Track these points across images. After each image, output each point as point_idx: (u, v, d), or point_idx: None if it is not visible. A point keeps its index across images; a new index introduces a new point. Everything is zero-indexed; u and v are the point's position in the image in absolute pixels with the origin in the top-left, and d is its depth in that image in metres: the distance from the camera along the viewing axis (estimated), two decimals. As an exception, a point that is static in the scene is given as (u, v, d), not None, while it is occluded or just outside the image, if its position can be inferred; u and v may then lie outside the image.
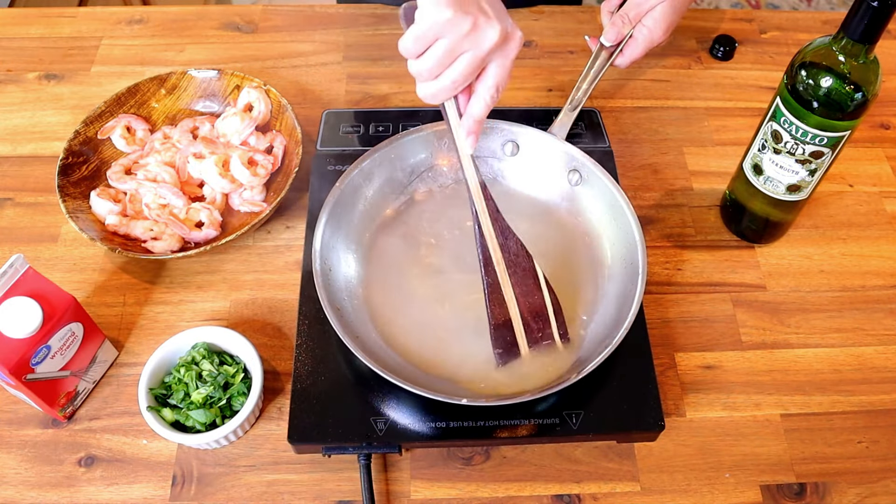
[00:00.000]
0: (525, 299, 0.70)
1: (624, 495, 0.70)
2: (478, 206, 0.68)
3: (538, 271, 0.71)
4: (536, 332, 0.71)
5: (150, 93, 0.92)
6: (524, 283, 0.70)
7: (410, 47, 0.62)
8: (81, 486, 0.70)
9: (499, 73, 0.64)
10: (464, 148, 0.67)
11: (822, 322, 0.82)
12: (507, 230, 0.69)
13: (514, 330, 0.70)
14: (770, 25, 1.10)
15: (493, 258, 0.69)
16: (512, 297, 0.70)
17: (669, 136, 0.96)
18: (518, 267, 0.70)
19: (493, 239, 0.69)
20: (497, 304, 0.69)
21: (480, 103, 0.65)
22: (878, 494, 0.71)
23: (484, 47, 0.61)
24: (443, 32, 0.60)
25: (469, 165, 0.68)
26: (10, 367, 0.64)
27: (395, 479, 0.71)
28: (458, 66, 0.62)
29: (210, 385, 0.71)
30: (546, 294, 0.71)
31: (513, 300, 0.70)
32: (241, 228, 0.80)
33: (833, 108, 0.70)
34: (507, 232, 0.69)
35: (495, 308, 0.69)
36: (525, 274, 0.70)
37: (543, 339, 0.72)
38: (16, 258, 0.66)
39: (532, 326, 0.71)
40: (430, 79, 0.63)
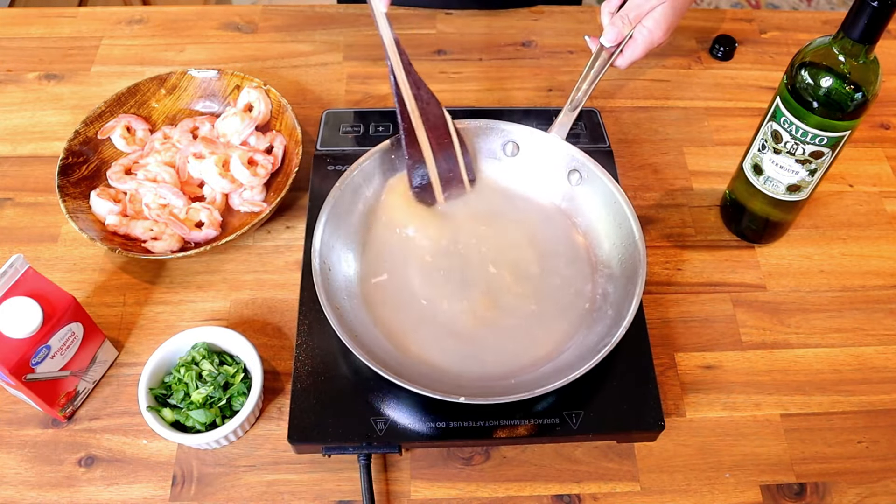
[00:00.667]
0: (436, 142, 0.78)
1: (624, 495, 0.71)
2: (392, 60, 0.75)
3: (447, 118, 0.79)
4: (447, 172, 0.80)
5: (150, 93, 0.92)
6: (436, 128, 0.78)
7: None
8: (81, 486, 0.70)
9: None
10: (378, 6, 0.74)
11: (822, 322, 0.82)
12: (419, 82, 0.77)
13: (429, 172, 0.79)
14: (770, 25, 1.10)
15: (408, 106, 0.76)
16: (426, 140, 0.77)
17: (669, 136, 0.96)
18: (430, 114, 0.78)
19: (408, 89, 0.76)
20: (412, 146, 0.77)
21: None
22: (878, 494, 0.71)
23: None
24: None
25: (383, 23, 0.74)
26: (10, 367, 0.64)
27: (395, 479, 0.71)
28: None
29: (210, 385, 0.71)
30: (455, 139, 0.79)
31: (426, 143, 0.77)
32: (241, 228, 0.80)
33: (833, 108, 0.70)
34: (420, 83, 0.77)
35: (411, 150, 0.77)
36: (436, 120, 0.78)
37: (454, 178, 0.80)
38: (16, 258, 0.66)
39: (443, 167, 0.79)
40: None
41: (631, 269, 0.74)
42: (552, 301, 0.76)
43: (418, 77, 0.77)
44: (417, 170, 0.79)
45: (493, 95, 1.00)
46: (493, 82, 1.02)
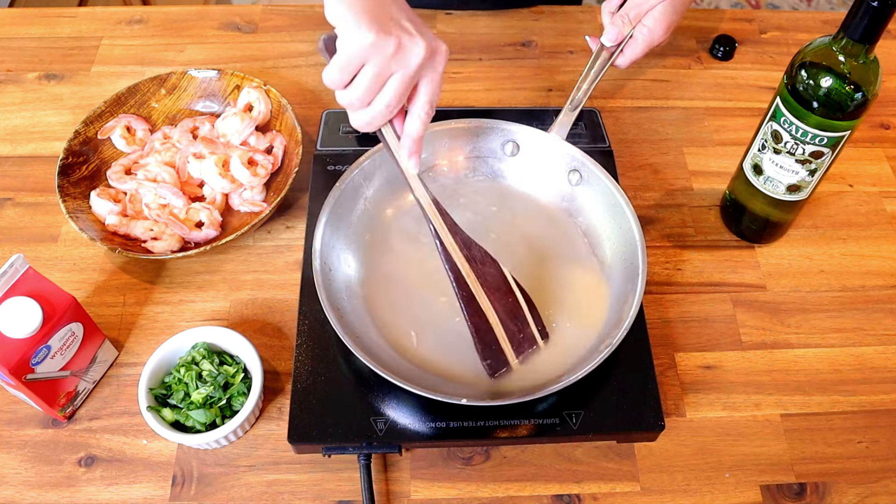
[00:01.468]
0: (500, 304, 0.70)
1: (624, 495, 0.70)
2: (435, 224, 0.68)
3: (506, 274, 0.71)
4: (517, 334, 0.71)
5: (150, 93, 0.92)
6: (496, 289, 0.70)
7: (336, 78, 0.60)
8: (81, 486, 0.70)
9: (430, 89, 0.64)
10: (408, 169, 0.67)
11: (822, 322, 0.82)
12: (468, 241, 0.70)
13: (497, 338, 0.70)
14: (770, 25, 1.10)
15: (462, 272, 0.69)
16: (489, 306, 0.70)
17: (669, 136, 0.96)
18: (487, 275, 0.70)
19: (458, 252, 0.69)
20: (476, 315, 0.69)
21: (416, 122, 0.64)
22: (878, 494, 0.71)
23: (412, 66, 0.60)
24: (368, 56, 0.59)
25: (418, 185, 0.68)
26: (10, 367, 0.64)
27: (395, 479, 0.71)
28: (388, 89, 0.61)
29: (210, 385, 0.71)
30: (518, 295, 0.71)
31: (490, 308, 0.70)
32: (241, 228, 0.80)
33: (833, 108, 0.70)
34: (470, 242, 0.70)
35: (476, 320, 0.69)
36: (495, 280, 0.70)
37: (525, 339, 0.71)
38: (16, 258, 0.66)
39: (512, 329, 0.71)
40: (363, 107, 0.62)
41: (631, 269, 0.74)
42: (553, 300, 0.76)
43: (467, 236, 0.69)
44: (486, 341, 0.69)
45: (493, 95, 1.00)
46: (493, 82, 1.02)
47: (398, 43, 0.59)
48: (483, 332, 0.69)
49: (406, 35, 0.60)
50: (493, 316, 0.70)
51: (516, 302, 0.71)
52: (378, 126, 0.64)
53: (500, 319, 0.70)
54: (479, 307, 0.69)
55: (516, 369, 0.71)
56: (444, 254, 0.68)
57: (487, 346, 0.70)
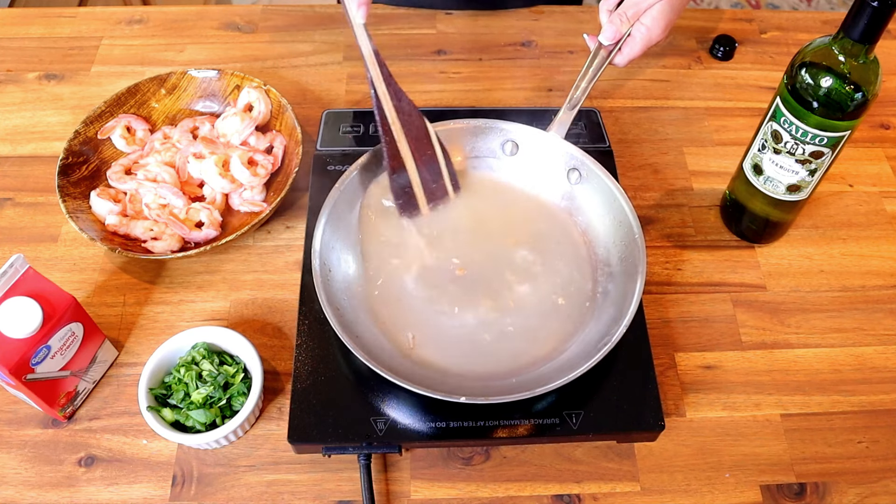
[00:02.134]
0: (419, 153, 0.76)
1: (624, 495, 0.71)
2: (372, 72, 0.73)
3: (429, 128, 0.77)
4: (431, 183, 0.78)
5: (150, 93, 0.92)
6: (418, 139, 0.76)
7: None
8: (81, 486, 0.70)
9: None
10: (356, 17, 0.72)
11: (822, 322, 0.82)
12: (399, 93, 0.75)
13: (412, 183, 0.76)
14: (770, 25, 1.10)
15: (389, 119, 0.75)
16: (408, 152, 0.75)
17: (669, 136, 0.96)
18: (412, 126, 0.76)
19: (388, 101, 0.74)
20: (395, 160, 0.76)
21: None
22: (878, 494, 0.71)
23: None
24: None
25: (362, 34, 0.73)
26: (10, 367, 0.64)
27: (395, 479, 0.71)
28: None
29: (210, 385, 0.71)
30: (438, 150, 0.78)
31: (409, 154, 0.75)
32: (241, 228, 0.80)
33: (833, 108, 0.70)
34: (401, 94, 0.75)
35: (394, 164, 0.75)
36: (418, 132, 0.76)
37: (437, 189, 0.79)
38: (16, 258, 0.66)
39: (426, 177, 0.78)
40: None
41: (631, 267, 0.74)
42: (552, 300, 0.76)
43: (399, 88, 0.75)
44: (399, 182, 0.77)
45: (493, 95, 1.00)
46: (493, 82, 1.02)
47: None
48: (399, 176, 0.76)
49: None
50: (411, 162, 0.76)
51: (434, 155, 0.78)
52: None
53: (416, 167, 0.77)
54: (399, 151, 0.76)
55: (517, 354, 0.73)
56: (375, 100, 0.74)
57: (401, 188, 0.77)
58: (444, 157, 0.79)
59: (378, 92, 0.74)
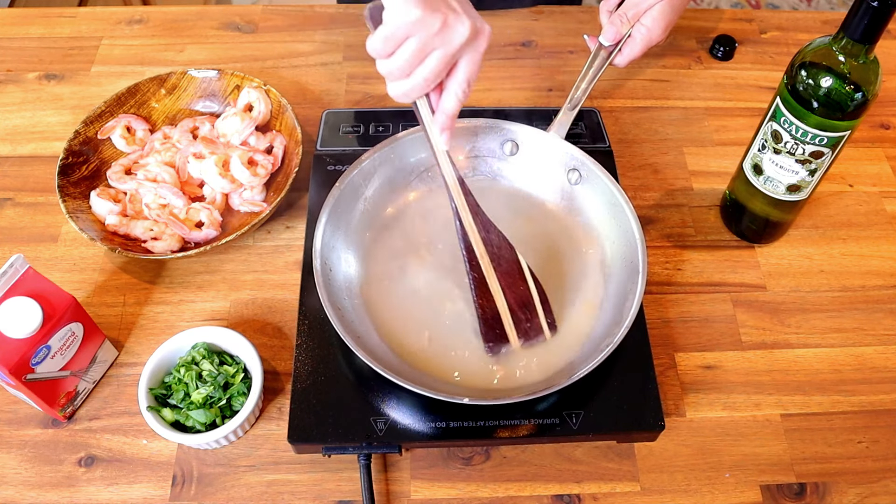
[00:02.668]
0: (511, 291, 0.71)
1: (624, 495, 0.70)
2: (457, 202, 0.69)
3: (522, 262, 0.71)
4: (525, 323, 0.71)
5: (150, 93, 0.92)
6: (509, 275, 0.70)
7: (380, 47, 0.62)
8: (81, 486, 0.70)
9: (469, 69, 0.65)
10: (438, 144, 0.68)
11: (822, 322, 0.82)
12: (488, 224, 0.70)
13: (502, 322, 0.71)
14: (770, 25, 1.10)
15: (477, 252, 0.69)
16: (498, 290, 0.70)
17: (669, 136, 0.96)
18: (502, 259, 0.70)
19: (476, 233, 0.69)
20: (484, 297, 0.70)
21: (452, 99, 0.65)
22: (878, 494, 0.71)
23: (455, 44, 0.62)
24: (413, 31, 0.60)
25: (445, 162, 0.68)
26: (10, 367, 0.64)
27: (395, 479, 0.71)
28: (429, 63, 0.62)
29: (210, 385, 0.71)
30: (531, 284, 0.72)
31: (499, 292, 0.70)
32: (241, 228, 0.80)
33: (833, 108, 0.70)
34: (489, 226, 0.70)
35: (483, 302, 0.70)
36: (509, 266, 0.71)
37: (532, 329, 0.72)
38: (16, 258, 0.66)
39: (520, 317, 0.71)
40: (402, 77, 0.63)
41: (631, 268, 0.74)
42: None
43: (487, 218, 0.70)
44: (490, 324, 0.70)
45: (493, 95, 1.00)
46: (493, 82, 1.02)
47: (444, 20, 0.60)
48: (489, 316, 0.70)
49: (452, 14, 0.61)
50: (502, 300, 0.70)
51: (527, 290, 0.71)
52: (413, 98, 0.65)
53: (508, 305, 0.70)
54: (489, 290, 0.69)
55: (517, 357, 0.71)
56: (461, 232, 0.69)
57: (491, 330, 0.70)
58: (538, 293, 0.72)
59: (464, 223, 0.69)
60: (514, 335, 0.71)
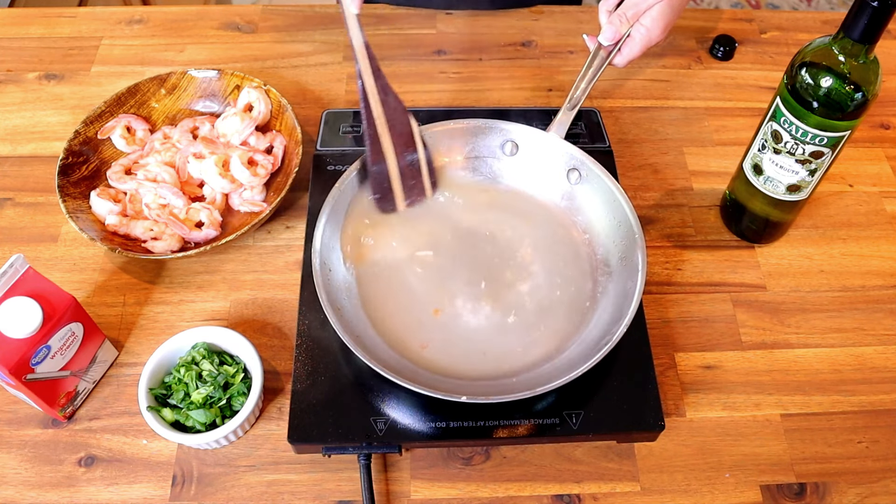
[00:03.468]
0: (401, 150, 0.75)
1: (624, 495, 0.71)
2: (361, 64, 0.72)
3: (413, 125, 0.76)
4: (410, 180, 0.77)
5: (150, 93, 0.92)
6: (401, 135, 0.75)
7: None
8: (81, 486, 0.70)
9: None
10: (349, 7, 0.71)
11: (822, 322, 0.82)
12: (387, 87, 0.74)
13: (391, 179, 0.76)
14: (770, 25, 1.10)
15: (374, 112, 0.73)
16: (390, 147, 0.74)
17: (669, 136, 0.96)
18: (396, 122, 0.75)
19: (375, 95, 0.73)
20: (376, 152, 0.74)
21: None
22: (878, 494, 0.71)
23: None
24: None
25: (354, 25, 0.71)
26: (10, 367, 0.64)
27: (395, 479, 0.71)
28: None
29: (210, 385, 0.71)
30: (420, 148, 0.77)
31: (390, 149, 0.75)
32: (241, 228, 0.80)
33: (833, 108, 0.70)
34: (388, 89, 0.74)
35: (374, 155, 0.74)
36: (402, 129, 0.75)
37: (416, 187, 0.77)
38: (16, 258, 0.66)
39: (406, 173, 0.77)
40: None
41: (631, 267, 0.74)
42: (552, 300, 0.76)
43: (387, 83, 0.74)
44: (378, 176, 0.76)
45: (493, 95, 1.00)
46: (493, 82, 1.02)
47: None
48: (379, 171, 0.75)
49: None
50: (392, 157, 0.75)
51: (415, 152, 0.77)
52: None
53: (397, 162, 0.75)
54: (381, 147, 0.75)
55: (517, 356, 0.72)
56: (361, 92, 0.72)
57: (379, 184, 0.76)
58: (425, 157, 0.78)
59: (366, 85, 0.73)
60: (401, 193, 0.77)
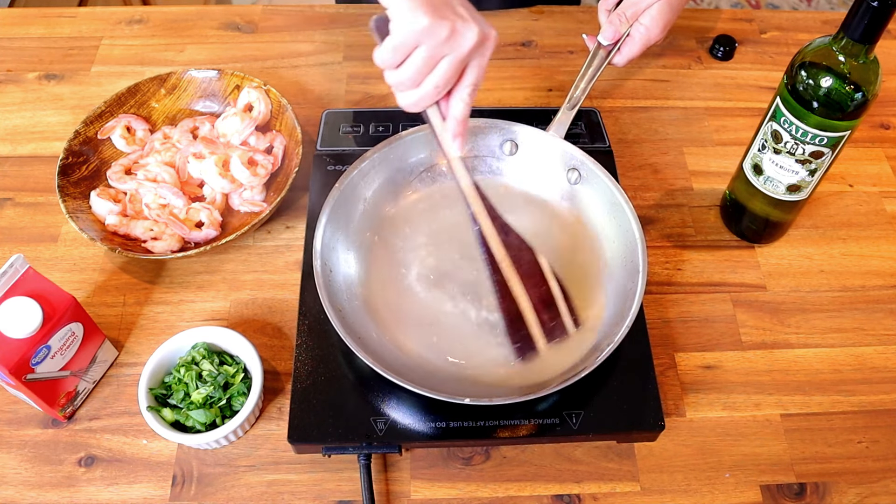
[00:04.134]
0: (534, 291, 0.70)
1: (624, 495, 0.71)
2: (474, 208, 0.68)
3: (542, 262, 0.71)
4: (549, 322, 0.70)
5: (150, 93, 0.92)
6: (530, 276, 0.70)
7: (389, 58, 0.62)
8: (81, 486, 0.70)
9: (477, 73, 0.65)
10: (451, 151, 0.67)
11: (822, 322, 0.82)
12: (506, 226, 0.69)
13: (526, 324, 0.70)
14: (770, 25, 1.10)
15: (497, 256, 0.69)
16: (522, 292, 0.69)
17: (669, 136, 0.96)
18: (522, 261, 0.69)
19: (495, 237, 0.69)
20: (507, 300, 0.69)
21: (461, 104, 0.65)
22: (878, 494, 0.71)
23: (464, 50, 0.62)
24: (421, 40, 0.60)
25: (459, 167, 0.68)
26: (10, 367, 0.64)
27: (395, 479, 0.71)
28: (438, 71, 0.62)
29: (210, 385, 0.71)
30: (553, 283, 0.71)
31: (523, 295, 0.69)
32: (241, 228, 0.80)
33: (833, 108, 0.70)
34: (507, 228, 0.69)
35: (507, 304, 0.69)
36: (530, 267, 0.70)
37: (557, 328, 0.71)
38: (16, 258, 0.66)
39: (544, 317, 0.70)
40: (412, 87, 0.63)
41: (631, 268, 0.74)
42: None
43: (504, 221, 0.69)
44: (516, 327, 0.70)
45: (493, 95, 1.00)
46: (493, 82, 1.02)
47: (452, 27, 0.61)
48: (514, 318, 0.69)
49: (460, 20, 0.61)
50: (526, 302, 0.69)
51: (549, 290, 0.70)
52: (424, 107, 0.65)
53: (533, 306, 0.70)
54: (511, 293, 0.69)
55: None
56: (481, 238, 0.68)
57: (517, 332, 0.70)
58: (560, 293, 0.71)
59: (483, 228, 0.68)
60: (541, 336, 0.70)
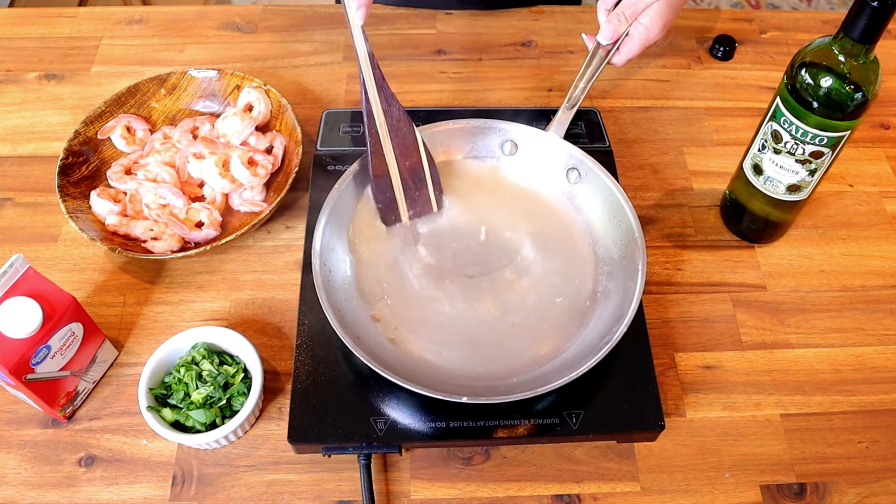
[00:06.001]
0: (404, 160, 0.76)
1: (624, 495, 0.71)
2: (365, 74, 0.73)
3: (417, 136, 0.77)
4: (414, 191, 0.78)
5: (150, 93, 0.92)
6: (404, 146, 0.76)
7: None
8: (81, 486, 0.70)
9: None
10: (354, 19, 0.72)
11: (822, 322, 0.82)
12: (391, 97, 0.75)
13: (393, 188, 0.76)
14: (770, 25, 1.10)
15: (377, 121, 0.75)
16: (392, 158, 0.75)
17: (669, 136, 0.96)
18: (399, 132, 0.76)
19: (378, 104, 0.75)
20: (379, 162, 0.76)
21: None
22: (878, 494, 0.71)
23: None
24: None
25: (359, 36, 0.73)
26: (10, 367, 0.64)
27: (395, 479, 0.71)
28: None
29: (210, 385, 0.71)
30: (424, 158, 0.77)
31: (393, 160, 0.75)
32: (241, 228, 0.80)
33: (833, 108, 0.70)
34: (391, 99, 0.75)
35: (376, 162, 0.76)
36: (405, 138, 0.76)
37: (420, 198, 0.78)
38: (16, 258, 0.66)
39: (410, 185, 0.77)
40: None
41: (631, 267, 0.74)
42: (553, 300, 0.76)
43: (391, 93, 0.75)
44: (382, 187, 0.77)
45: (493, 95, 1.00)
46: (493, 82, 1.02)
47: None
48: (380, 174, 0.76)
49: None
50: (395, 168, 0.76)
51: (419, 164, 0.77)
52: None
53: (400, 173, 0.76)
54: (384, 157, 0.76)
55: (516, 356, 0.72)
56: (365, 102, 0.74)
57: (382, 193, 0.77)
58: (429, 168, 0.78)
59: (369, 94, 0.74)
60: (405, 205, 0.78)
